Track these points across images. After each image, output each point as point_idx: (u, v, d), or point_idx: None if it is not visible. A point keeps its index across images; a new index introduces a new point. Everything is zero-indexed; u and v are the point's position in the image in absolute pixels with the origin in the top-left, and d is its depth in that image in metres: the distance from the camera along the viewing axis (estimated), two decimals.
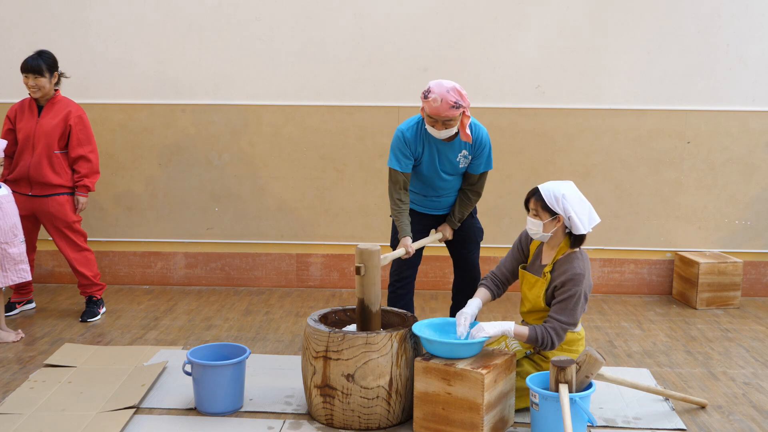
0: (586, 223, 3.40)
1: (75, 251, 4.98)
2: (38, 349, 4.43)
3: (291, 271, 5.93)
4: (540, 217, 3.44)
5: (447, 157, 3.95)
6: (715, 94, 5.66)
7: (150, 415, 3.55)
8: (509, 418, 3.44)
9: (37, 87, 4.78)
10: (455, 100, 3.67)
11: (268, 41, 5.70)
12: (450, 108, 3.67)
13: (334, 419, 3.42)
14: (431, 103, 3.67)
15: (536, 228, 3.46)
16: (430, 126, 3.80)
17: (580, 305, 3.40)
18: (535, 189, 3.47)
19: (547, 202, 3.39)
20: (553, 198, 3.38)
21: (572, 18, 5.61)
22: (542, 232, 3.45)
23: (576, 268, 3.39)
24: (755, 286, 5.83)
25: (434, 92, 3.67)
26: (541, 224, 3.43)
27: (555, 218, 3.42)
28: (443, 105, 3.66)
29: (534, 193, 3.47)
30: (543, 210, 3.42)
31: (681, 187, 5.76)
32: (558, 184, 3.45)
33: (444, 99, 3.65)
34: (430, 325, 3.56)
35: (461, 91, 3.72)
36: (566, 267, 3.42)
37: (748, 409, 3.72)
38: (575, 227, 3.39)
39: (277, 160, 5.80)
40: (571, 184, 3.48)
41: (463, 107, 3.72)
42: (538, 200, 3.44)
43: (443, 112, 3.68)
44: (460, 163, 3.97)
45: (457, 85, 3.71)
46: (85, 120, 4.94)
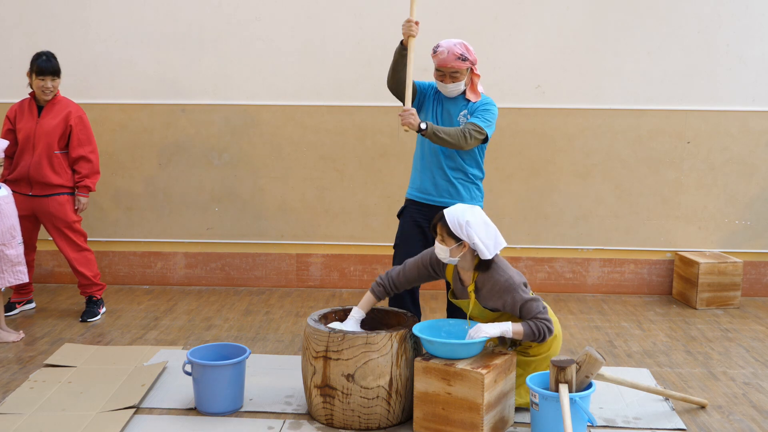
0: (491, 248, 3.43)
1: (75, 251, 4.99)
2: (38, 349, 4.43)
3: (291, 271, 5.93)
4: (446, 243, 3.46)
5: (449, 114, 4.03)
6: (715, 94, 5.66)
7: (150, 415, 3.55)
8: (509, 418, 3.45)
9: (53, 88, 4.81)
10: (461, 52, 3.88)
11: (268, 41, 5.70)
12: (456, 59, 3.87)
13: (334, 419, 3.42)
14: (439, 56, 3.90)
15: (444, 253, 3.49)
16: (438, 81, 3.98)
17: (530, 295, 3.41)
18: (441, 214, 3.50)
19: (452, 228, 3.42)
20: (458, 224, 3.41)
21: (572, 18, 5.61)
22: (450, 257, 3.48)
23: (499, 278, 3.42)
24: (755, 286, 5.83)
25: (442, 45, 3.91)
26: (448, 250, 3.46)
27: (460, 244, 3.44)
28: (450, 56, 3.87)
29: (440, 219, 3.49)
30: (448, 236, 3.45)
31: (681, 187, 5.76)
32: (463, 209, 3.47)
33: (450, 50, 3.87)
34: (430, 326, 3.56)
35: (468, 46, 3.93)
36: (490, 284, 3.44)
37: (748, 409, 3.72)
38: (480, 252, 3.42)
39: (277, 160, 5.80)
40: (477, 209, 3.51)
41: (470, 60, 3.91)
42: (443, 226, 3.46)
43: (450, 62, 3.87)
44: (460, 123, 4.03)
45: (464, 41, 3.94)
46: (85, 120, 4.94)
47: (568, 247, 5.82)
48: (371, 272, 5.88)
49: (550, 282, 5.84)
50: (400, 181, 5.72)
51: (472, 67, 3.97)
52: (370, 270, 5.88)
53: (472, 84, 4.02)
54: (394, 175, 5.75)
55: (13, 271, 4.54)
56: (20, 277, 4.59)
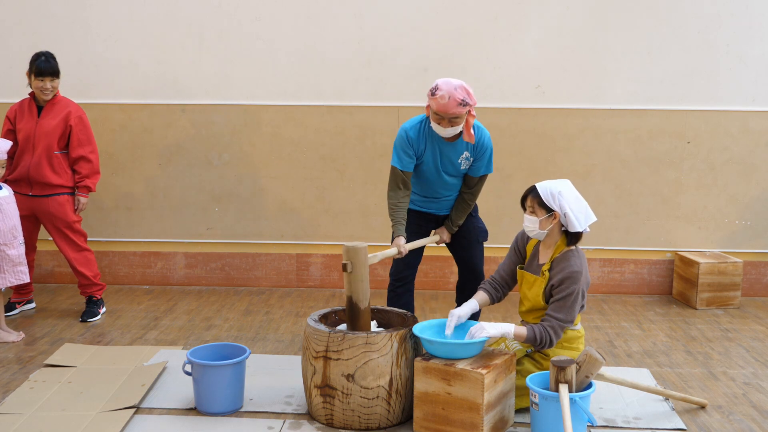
0: (582, 221, 3.42)
1: (75, 251, 4.99)
2: (38, 349, 4.43)
3: (291, 271, 5.93)
4: (536, 214, 3.46)
5: (449, 158, 3.96)
6: (715, 94, 5.66)
7: (150, 415, 3.55)
8: (509, 418, 3.44)
9: (52, 89, 4.81)
10: (462, 97, 3.68)
11: (268, 41, 5.70)
12: (457, 105, 3.69)
13: (334, 419, 3.42)
14: (438, 100, 3.68)
15: (532, 225, 3.48)
16: (435, 123, 3.81)
17: (578, 303, 3.41)
18: (532, 187, 3.51)
19: (544, 198, 3.42)
20: (550, 195, 3.41)
21: (572, 18, 5.61)
22: (538, 229, 3.47)
23: (573, 266, 3.41)
24: (755, 286, 5.83)
25: (442, 89, 3.68)
26: (537, 221, 3.45)
27: (551, 215, 3.44)
28: (451, 102, 3.67)
29: (531, 191, 3.50)
30: (539, 207, 3.45)
31: (681, 187, 5.76)
32: (555, 182, 3.49)
33: (452, 96, 3.67)
34: (429, 326, 3.57)
35: (468, 89, 3.74)
36: (563, 265, 3.43)
37: (748, 409, 3.72)
38: (571, 224, 3.41)
39: (277, 160, 5.80)
40: (568, 182, 3.51)
41: (470, 105, 3.74)
42: (534, 197, 3.47)
43: (451, 109, 3.69)
44: (462, 164, 3.99)
45: (464, 84, 3.74)
46: (85, 120, 4.94)
47: None
48: (371, 272, 5.85)
49: None
50: None
51: (470, 110, 3.80)
52: (370, 270, 5.86)
53: (467, 124, 3.84)
54: None
55: (15, 271, 4.55)
56: (21, 277, 4.59)
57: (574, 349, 3.54)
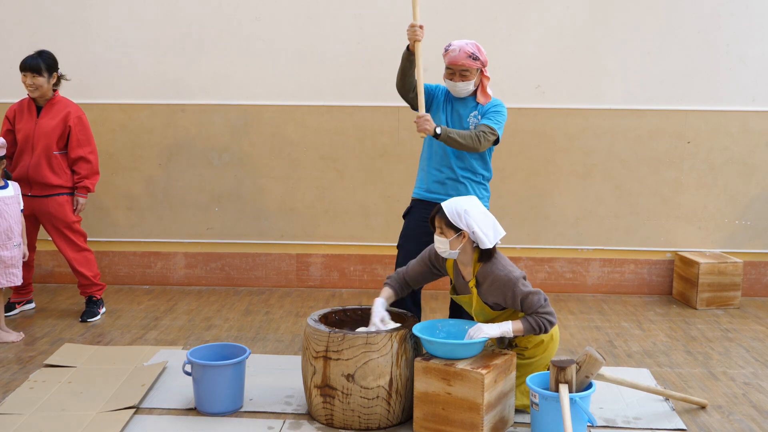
0: (491, 237, 3.43)
1: (75, 251, 4.98)
2: (38, 349, 4.43)
3: (291, 271, 5.93)
4: (445, 235, 3.45)
5: (459, 115, 4.05)
6: (715, 94, 5.66)
7: (150, 415, 3.55)
8: (509, 418, 3.44)
9: (34, 86, 4.77)
10: (473, 51, 3.92)
11: (268, 41, 5.70)
12: (467, 57, 3.91)
13: (334, 419, 3.42)
14: (450, 53, 3.94)
15: (443, 246, 3.47)
16: (448, 80, 4.01)
17: (530, 288, 3.39)
18: (438, 206, 3.50)
19: (450, 219, 3.41)
20: (456, 214, 3.41)
21: (572, 18, 5.61)
22: (450, 250, 3.46)
23: (498, 273, 3.41)
24: (755, 286, 5.83)
25: (453, 44, 3.96)
26: (447, 242, 3.45)
27: (460, 234, 3.44)
28: (461, 54, 3.91)
29: (438, 211, 3.49)
30: (447, 227, 3.44)
31: (681, 187, 5.76)
32: (460, 200, 3.48)
33: (462, 48, 3.92)
34: (429, 326, 3.57)
35: (480, 47, 3.98)
36: (491, 279, 3.43)
37: (748, 409, 3.72)
38: (480, 242, 3.41)
39: (277, 160, 5.80)
40: (474, 199, 3.51)
41: (480, 60, 3.95)
42: (441, 218, 3.46)
43: (460, 60, 3.91)
44: (470, 124, 4.03)
45: (476, 42, 3.99)
46: (84, 121, 4.94)
47: (568, 247, 5.82)
48: (371, 272, 5.89)
49: (550, 282, 5.84)
50: (400, 181, 5.73)
51: (482, 69, 3.99)
52: (370, 270, 5.88)
53: (482, 86, 4.04)
54: (394, 175, 5.75)
55: (6, 272, 4.51)
56: (12, 279, 4.55)
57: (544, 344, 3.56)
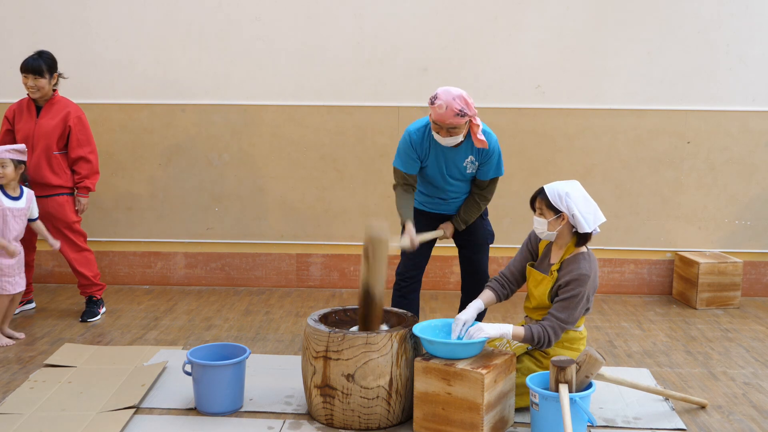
0: (591, 221, 3.43)
1: (75, 251, 4.98)
2: (38, 349, 4.43)
3: (291, 271, 5.93)
4: (545, 216, 3.48)
5: (454, 162, 3.97)
6: (715, 94, 5.66)
7: (150, 415, 3.55)
8: (509, 418, 3.44)
9: (36, 87, 4.78)
10: (460, 108, 3.67)
11: (268, 41, 5.70)
12: (454, 116, 3.68)
13: (334, 419, 3.42)
14: (437, 110, 3.69)
15: (541, 227, 3.50)
16: (435, 132, 3.83)
17: (582, 305, 3.41)
18: (540, 188, 3.52)
19: (551, 200, 3.43)
20: (557, 196, 3.43)
21: (572, 18, 5.61)
22: (547, 231, 3.49)
23: (582, 269, 3.41)
24: (755, 286, 5.83)
25: (440, 99, 3.68)
26: (545, 222, 3.47)
27: (559, 216, 3.45)
28: (448, 112, 3.67)
29: (539, 192, 3.51)
30: (547, 208, 3.46)
31: (681, 187, 5.76)
32: (563, 183, 3.50)
33: (449, 106, 3.66)
34: (429, 326, 3.56)
35: (468, 99, 3.72)
36: (572, 267, 3.44)
37: (748, 409, 3.72)
38: (579, 225, 3.41)
39: (277, 160, 5.80)
40: (577, 183, 3.52)
41: (468, 116, 3.73)
42: (542, 199, 3.48)
43: (448, 119, 3.69)
44: (467, 168, 3.99)
45: (464, 93, 3.71)
46: (84, 120, 4.94)
47: None
48: None
49: None
50: None
51: (471, 120, 3.80)
52: None
53: (473, 133, 3.84)
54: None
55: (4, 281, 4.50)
56: (7, 288, 4.49)
57: (575, 350, 3.54)
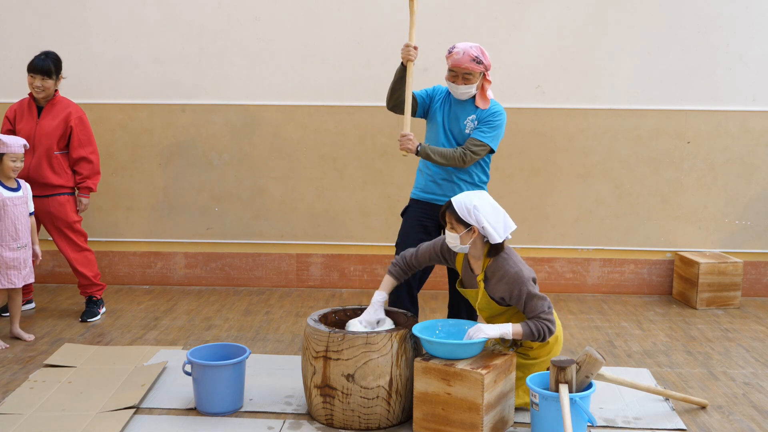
0: (501, 231, 3.43)
1: (75, 251, 4.98)
2: (38, 349, 4.43)
3: (291, 271, 5.93)
4: (456, 230, 3.47)
5: (456, 117, 4.05)
6: (715, 94, 5.66)
7: (150, 415, 3.55)
8: (509, 418, 3.45)
9: (42, 88, 4.79)
10: (477, 54, 3.90)
11: (268, 41, 5.70)
12: (471, 60, 3.89)
13: (334, 419, 3.42)
14: (454, 56, 3.90)
15: (454, 241, 3.49)
16: (450, 82, 3.99)
17: (537, 292, 3.41)
18: (448, 202, 3.51)
19: (460, 214, 3.43)
20: (465, 210, 3.42)
21: (572, 18, 5.61)
22: (460, 245, 3.48)
23: (509, 270, 3.41)
24: (755, 286, 5.83)
25: (458, 46, 3.93)
26: (457, 237, 3.46)
27: (470, 229, 3.45)
28: (465, 57, 3.89)
29: (448, 206, 3.50)
30: (457, 222, 3.46)
31: (681, 187, 5.76)
32: (470, 195, 3.49)
33: (466, 51, 3.89)
34: (429, 326, 3.57)
35: (484, 50, 3.96)
36: (500, 274, 3.43)
37: (748, 409, 3.72)
38: (490, 236, 3.42)
39: (277, 160, 5.80)
40: (484, 193, 3.52)
41: (484, 64, 3.94)
42: (451, 213, 3.47)
43: (464, 63, 3.89)
44: (467, 127, 4.04)
45: (481, 46, 3.97)
46: (85, 121, 4.94)
47: (568, 247, 5.83)
48: (371, 272, 5.89)
49: (550, 282, 5.84)
50: (400, 181, 5.73)
51: (485, 72, 3.99)
52: (370, 270, 5.88)
53: (482, 89, 4.03)
54: (394, 175, 5.75)
55: (7, 274, 4.50)
56: (13, 281, 4.51)
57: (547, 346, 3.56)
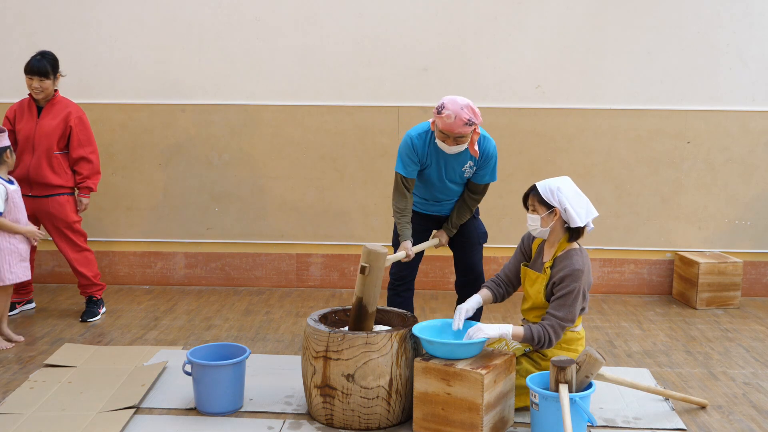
0: (582, 216, 3.44)
1: (75, 251, 4.98)
2: (38, 349, 4.43)
3: (291, 271, 5.93)
4: (537, 212, 3.50)
5: (453, 168, 3.98)
6: (715, 94, 5.66)
7: (150, 415, 3.55)
8: (509, 418, 3.44)
9: (41, 89, 4.78)
10: (469, 117, 3.67)
11: (268, 41, 5.70)
12: (463, 125, 3.68)
13: (334, 419, 3.42)
14: (445, 120, 3.67)
15: (534, 223, 3.52)
16: (440, 141, 3.82)
17: (578, 302, 3.42)
18: (532, 185, 3.55)
19: (543, 195, 3.46)
20: (549, 191, 3.45)
21: (572, 18, 5.61)
22: (540, 227, 3.50)
23: (575, 264, 3.42)
24: (755, 286, 5.83)
25: (448, 109, 3.66)
26: (538, 218, 3.49)
27: (551, 211, 3.47)
28: (457, 122, 3.66)
29: (531, 189, 3.54)
30: (539, 204, 3.49)
31: (681, 187, 5.76)
32: (554, 179, 3.53)
33: (458, 116, 3.65)
34: (429, 326, 3.57)
35: (475, 108, 3.72)
36: (565, 263, 3.45)
37: (748, 409, 3.72)
38: (572, 220, 3.43)
39: (277, 160, 5.80)
40: (568, 179, 3.54)
41: (476, 125, 3.74)
42: (535, 195, 3.51)
43: (456, 129, 3.69)
44: (466, 172, 4.01)
45: (471, 103, 3.72)
46: (85, 120, 4.94)
47: None
48: None
49: None
50: None
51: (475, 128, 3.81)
52: None
53: (472, 141, 3.85)
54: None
55: (22, 266, 4.53)
56: (27, 273, 4.56)
57: (573, 351, 3.54)
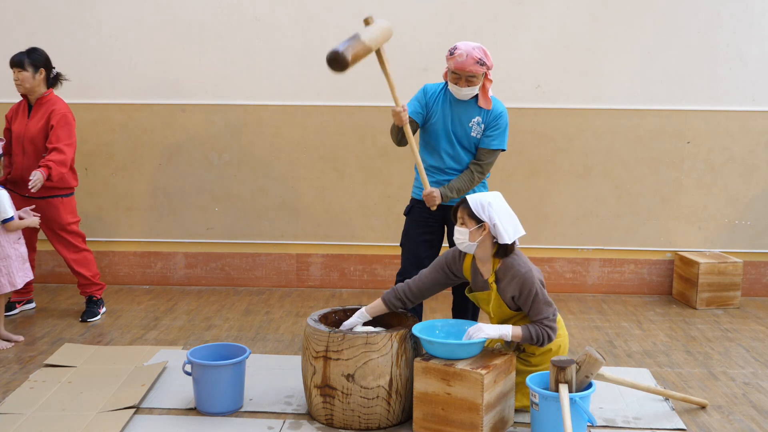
0: (510, 233, 3.42)
1: (72, 252, 4.97)
2: (38, 349, 4.43)
3: (291, 271, 5.93)
4: (466, 225, 3.45)
5: (460, 119, 4.00)
6: (715, 94, 5.66)
7: (150, 415, 3.55)
8: (509, 418, 3.45)
9: (19, 81, 4.74)
10: (480, 56, 3.82)
11: (268, 41, 5.70)
12: (474, 63, 3.81)
13: (334, 419, 3.42)
14: (457, 59, 3.82)
15: (462, 236, 3.46)
16: (453, 84, 3.92)
17: (544, 293, 3.41)
18: (463, 198, 3.50)
19: (473, 209, 3.42)
20: (479, 205, 3.42)
21: (572, 18, 5.61)
22: (468, 241, 3.45)
23: (519, 269, 3.41)
24: (755, 286, 5.83)
25: (460, 48, 3.83)
26: (467, 232, 3.44)
27: (481, 226, 3.43)
28: (468, 59, 3.80)
29: (462, 202, 3.49)
30: (469, 217, 3.44)
31: (681, 187, 5.76)
32: (485, 193, 3.50)
33: (469, 54, 3.80)
34: (429, 326, 3.56)
35: (486, 51, 3.88)
36: (511, 273, 3.42)
37: (748, 409, 3.72)
38: (500, 235, 3.40)
39: (277, 160, 5.80)
40: (498, 194, 3.53)
41: (487, 66, 3.86)
42: (465, 208, 3.46)
43: (468, 66, 3.81)
44: (473, 129, 4.00)
45: (482, 46, 3.88)
46: (68, 118, 4.79)
47: (568, 247, 5.82)
48: (371, 272, 5.89)
49: (550, 282, 5.84)
50: (400, 181, 5.73)
51: (487, 72, 3.92)
52: (370, 270, 5.88)
53: (484, 89, 3.96)
54: (394, 175, 5.75)
55: (23, 268, 4.54)
56: (30, 273, 4.59)
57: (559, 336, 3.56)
